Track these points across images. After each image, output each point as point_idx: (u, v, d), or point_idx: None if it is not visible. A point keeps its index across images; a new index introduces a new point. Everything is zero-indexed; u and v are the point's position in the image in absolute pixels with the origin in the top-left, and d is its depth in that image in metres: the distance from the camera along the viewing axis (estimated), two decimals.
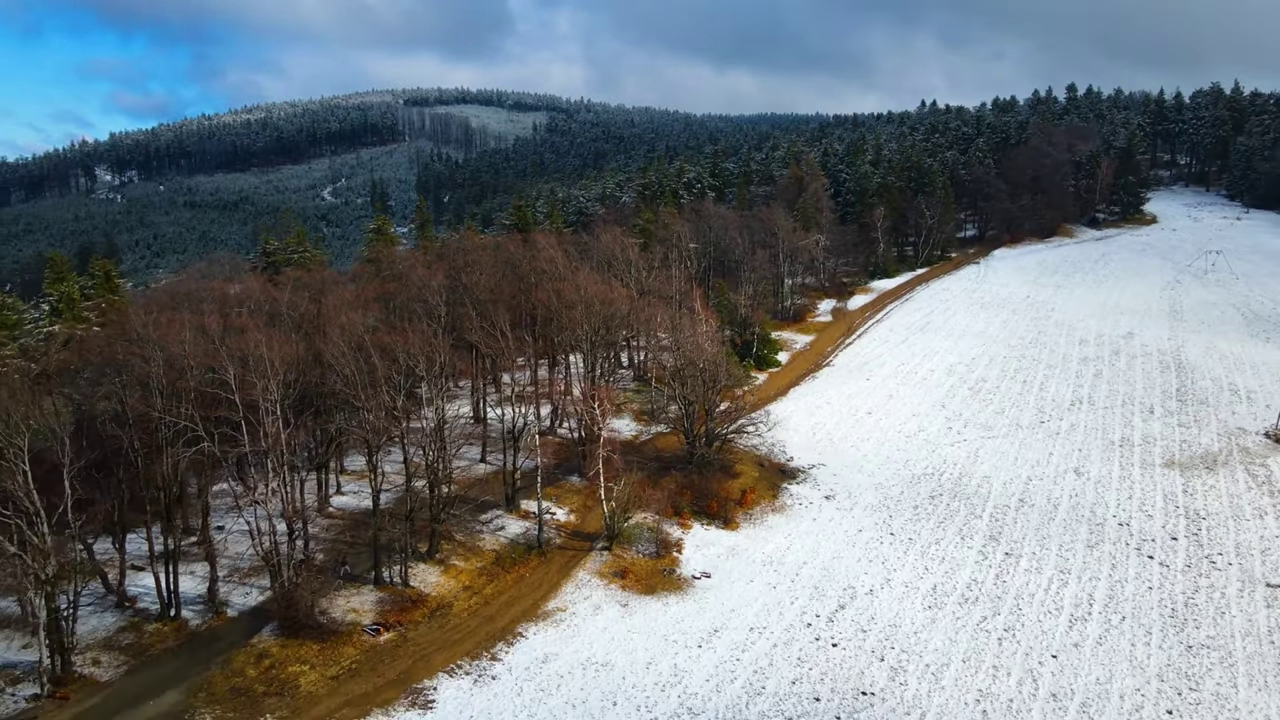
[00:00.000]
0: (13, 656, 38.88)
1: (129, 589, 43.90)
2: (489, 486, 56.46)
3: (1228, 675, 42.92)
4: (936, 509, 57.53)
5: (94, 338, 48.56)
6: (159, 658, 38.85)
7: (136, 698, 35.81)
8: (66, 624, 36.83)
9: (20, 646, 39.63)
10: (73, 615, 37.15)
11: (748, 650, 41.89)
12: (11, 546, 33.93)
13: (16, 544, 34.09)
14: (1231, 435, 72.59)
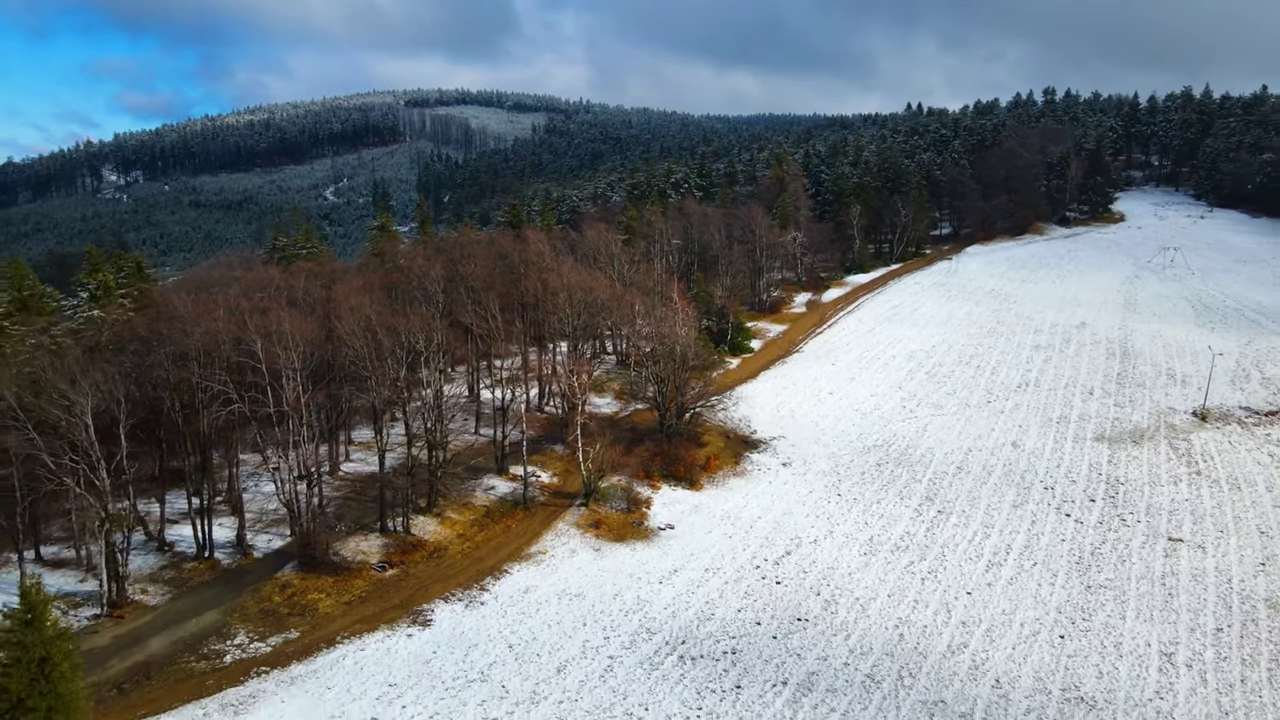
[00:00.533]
0: (72, 588, 45.33)
1: (167, 537, 50.45)
2: (482, 454, 63.02)
3: (1118, 610, 49.46)
4: (881, 474, 64.08)
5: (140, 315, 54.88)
6: (197, 588, 45.34)
7: (181, 617, 42.33)
8: (120, 556, 43.27)
9: (77, 580, 46.13)
10: (126, 548, 43.60)
11: (702, 586, 48.43)
12: (78, 487, 40.40)
13: (83, 485, 40.57)
14: (1162, 414, 79.14)
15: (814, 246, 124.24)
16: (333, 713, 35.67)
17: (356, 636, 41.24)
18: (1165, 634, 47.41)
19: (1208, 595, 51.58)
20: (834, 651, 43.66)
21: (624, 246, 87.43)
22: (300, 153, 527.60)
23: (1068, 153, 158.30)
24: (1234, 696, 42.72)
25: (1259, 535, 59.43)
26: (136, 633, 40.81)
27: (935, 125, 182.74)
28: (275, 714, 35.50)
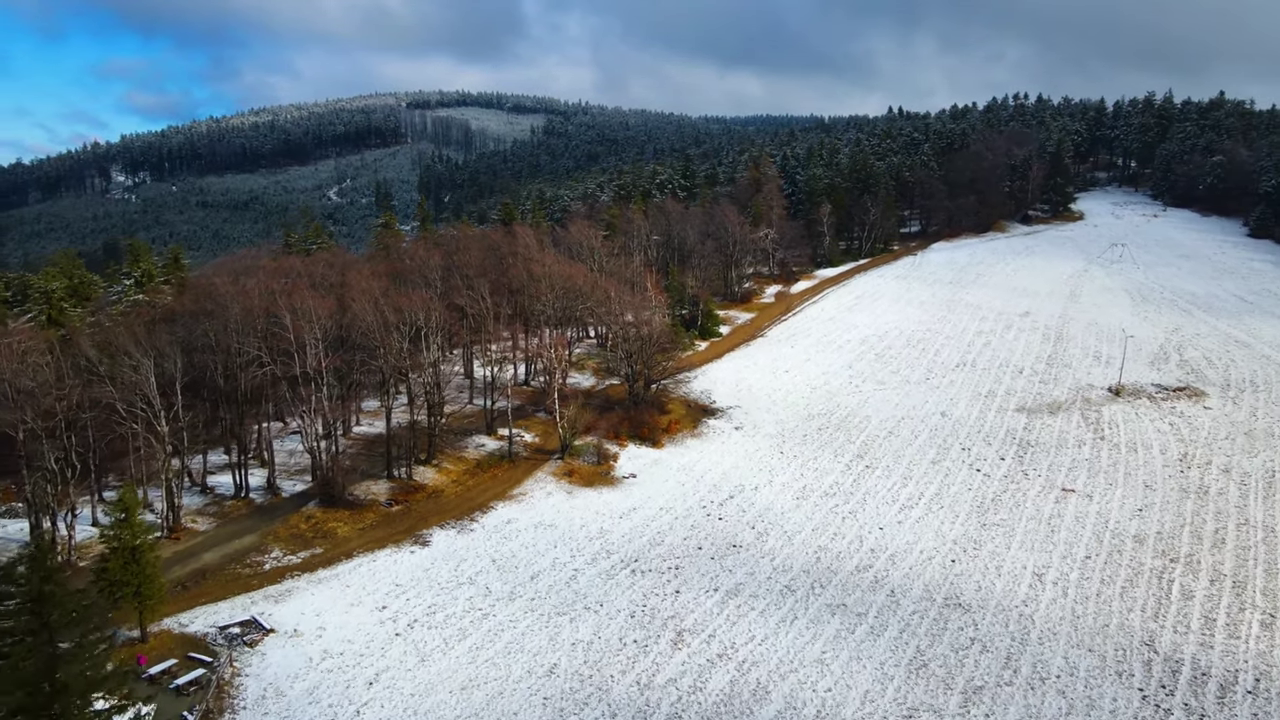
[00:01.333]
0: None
1: (208, 484, 59.71)
2: (474, 420, 72.30)
3: (1005, 542, 58.74)
4: (821, 437, 73.33)
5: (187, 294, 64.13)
6: (237, 519, 54.58)
7: (226, 539, 51.60)
8: (176, 489, 52.50)
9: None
10: (181, 483, 52.85)
11: (655, 520, 57.69)
12: (145, 431, 49.63)
13: (145, 429, 49.80)
14: (1081, 390, 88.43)
15: (786, 243, 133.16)
16: (351, 601, 44.98)
17: (369, 552, 50.53)
18: (1041, 560, 56.69)
19: (1085, 532, 60.85)
20: (760, 569, 52.93)
21: (605, 241, 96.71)
22: (304, 154, 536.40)
23: (1030, 155, 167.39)
24: (1087, 606, 51.97)
25: (1143, 488, 68.70)
26: (191, 549, 50.06)
27: (909, 129, 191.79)
28: (307, 603, 44.80)
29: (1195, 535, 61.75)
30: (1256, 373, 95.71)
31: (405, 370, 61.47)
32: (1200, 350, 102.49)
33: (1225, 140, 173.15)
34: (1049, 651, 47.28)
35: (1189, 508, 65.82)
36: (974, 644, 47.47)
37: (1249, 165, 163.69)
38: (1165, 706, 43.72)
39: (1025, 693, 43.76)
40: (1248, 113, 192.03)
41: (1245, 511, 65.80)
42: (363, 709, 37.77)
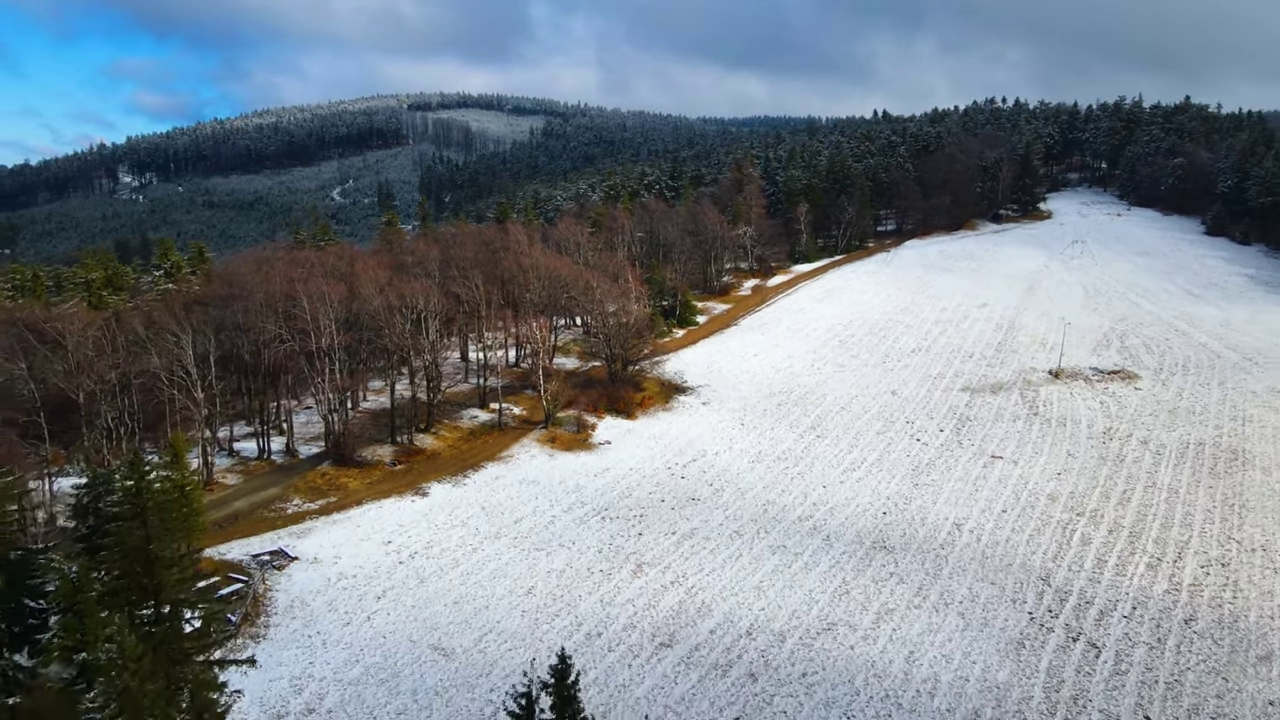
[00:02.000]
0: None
1: (235, 449, 67.67)
2: (469, 396, 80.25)
3: (933, 498, 66.69)
4: (779, 411, 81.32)
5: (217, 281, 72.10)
6: (261, 476, 62.58)
7: (252, 490, 59.60)
8: (210, 448, 60.50)
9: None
10: (212, 446, 60.84)
11: (625, 478, 65.67)
12: (184, 397, 57.63)
13: (184, 395, 57.80)
14: (1023, 372, 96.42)
15: (765, 240, 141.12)
16: (361, 537, 52.99)
17: (376, 500, 58.52)
18: (962, 513, 64.67)
19: (1005, 491, 68.83)
20: (714, 518, 60.91)
21: (591, 238, 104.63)
22: (308, 155, 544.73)
23: (1001, 158, 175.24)
24: (996, 549, 59.93)
25: (1066, 456, 76.65)
26: (224, 498, 58.05)
27: (888, 131, 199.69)
28: (324, 538, 52.81)
29: (1104, 495, 69.70)
30: (1189, 358, 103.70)
31: (408, 349, 69.35)
32: (1141, 338, 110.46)
33: (1187, 143, 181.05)
34: (956, 584, 55.24)
35: (1104, 472, 73.78)
36: (892, 577, 55.44)
37: (1209, 167, 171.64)
38: (1048, 626, 51.70)
39: (929, 614, 51.72)
40: (1211, 116, 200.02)
41: (1155, 476, 73.77)
42: (373, 615, 45.77)
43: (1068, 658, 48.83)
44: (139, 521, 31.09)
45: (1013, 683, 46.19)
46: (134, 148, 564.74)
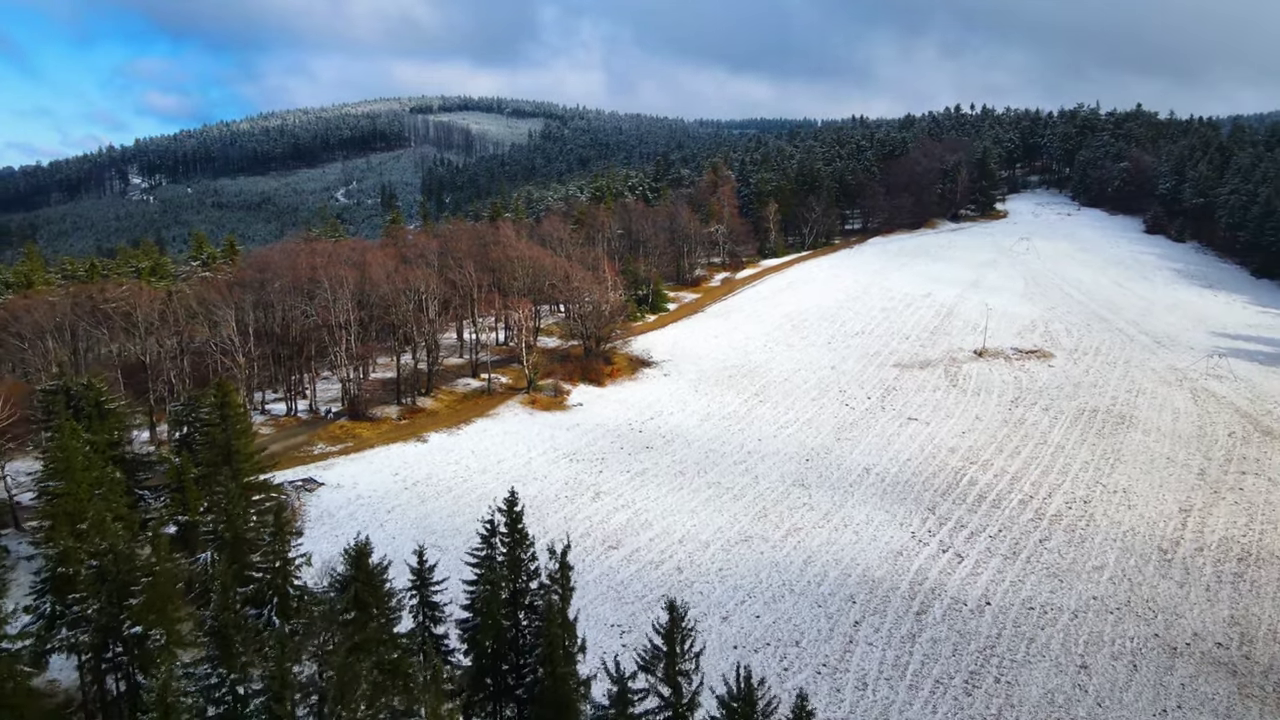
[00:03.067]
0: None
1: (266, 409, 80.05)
2: (463, 369, 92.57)
3: (850, 449, 78.96)
4: (729, 381, 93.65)
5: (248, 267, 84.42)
6: (290, 428, 74.92)
7: (284, 438, 71.94)
8: (247, 406, 72.81)
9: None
10: (249, 404, 73.12)
11: (591, 431, 78.03)
12: (228, 362, 70.04)
13: (230, 360, 70.18)
14: (951, 352, 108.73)
15: (737, 237, 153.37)
16: (374, 471, 65.37)
17: (385, 445, 70.90)
18: (872, 461, 76.98)
19: (913, 445, 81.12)
20: (663, 462, 73.23)
21: (572, 233, 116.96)
22: (312, 157, 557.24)
23: (960, 162, 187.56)
24: (896, 488, 72.14)
25: (974, 419, 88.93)
26: (261, 444, 69.89)
27: (857, 136, 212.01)
28: (344, 471, 65.20)
29: (998, 449, 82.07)
30: (1104, 341, 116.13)
31: (411, 326, 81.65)
32: (1065, 324, 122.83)
33: (1133, 148, 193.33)
34: (856, 512, 67.58)
35: (1004, 432, 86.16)
36: (804, 506, 67.82)
37: (1151, 170, 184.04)
38: (925, 541, 63.96)
39: (830, 532, 64.09)
40: (1157, 123, 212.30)
41: (1047, 436, 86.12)
42: (384, 523, 58.14)
43: (935, 563, 61.26)
44: (222, 426, 43.45)
45: (886, 578, 58.64)
46: (142, 149, 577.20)
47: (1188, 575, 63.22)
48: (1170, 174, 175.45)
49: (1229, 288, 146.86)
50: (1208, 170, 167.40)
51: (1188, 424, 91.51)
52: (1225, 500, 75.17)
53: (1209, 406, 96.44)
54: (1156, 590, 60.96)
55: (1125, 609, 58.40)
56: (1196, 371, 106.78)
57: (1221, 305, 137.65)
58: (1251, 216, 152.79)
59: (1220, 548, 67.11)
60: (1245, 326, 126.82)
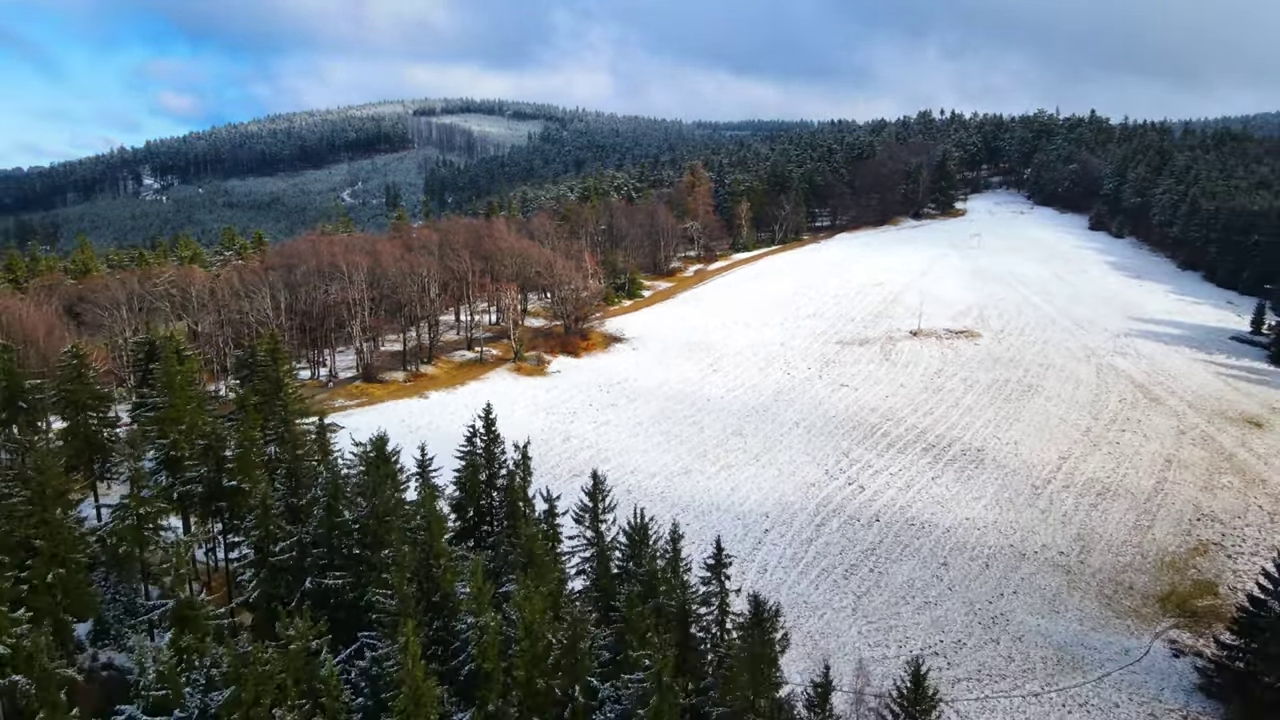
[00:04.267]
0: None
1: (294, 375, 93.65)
2: (460, 343, 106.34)
3: (786, 407, 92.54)
4: (689, 355, 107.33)
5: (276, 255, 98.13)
6: (314, 389, 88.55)
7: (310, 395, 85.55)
8: None
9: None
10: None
11: (566, 392, 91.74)
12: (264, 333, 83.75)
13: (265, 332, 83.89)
14: (890, 332, 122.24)
15: (711, 232, 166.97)
16: (385, 418, 79.04)
17: (394, 400, 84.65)
18: (801, 416, 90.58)
19: (840, 405, 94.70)
20: (624, 415, 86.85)
21: (558, 228, 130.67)
22: (319, 158, 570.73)
23: (921, 164, 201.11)
24: (819, 438, 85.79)
25: (898, 386, 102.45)
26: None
27: (829, 140, 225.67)
28: (360, 419, 78.92)
29: (914, 409, 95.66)
30: (1029, 324, 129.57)
31: (415, 305, 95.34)
32: (998, 309, 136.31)
33: (1083, 151, 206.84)
34: (782, 455, 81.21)
35: (922, 397, 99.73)
36: (739, 449, 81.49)
37: (1097, 172, 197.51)
38: (835, 476, 77.57)
39: (757, 469, 77.74)
40: (1106, 127, 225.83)
41: (960, 400, 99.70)
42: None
43: (840, 493, 75.01)
44: (274, 364, 57.10)
45: (797, 502, 72.39)
46: (153, 151, 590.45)
47: (1051, 505, 76.96)
48: (1113, 175, 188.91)
49: (1155, 278, 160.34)
50: (1145, 172, 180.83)
51: (1086, 392, 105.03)
52: (1100, 450, 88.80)
53: (1108, 378, 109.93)
54: (1021, 515, 74.71)
55: (990, 527, 72.20)
56: (1105, 350, 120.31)
57: (1145, 294, 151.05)
58: (1180, 214, 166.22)
59: (1084, 485, 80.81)
60: (1161, 312, 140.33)
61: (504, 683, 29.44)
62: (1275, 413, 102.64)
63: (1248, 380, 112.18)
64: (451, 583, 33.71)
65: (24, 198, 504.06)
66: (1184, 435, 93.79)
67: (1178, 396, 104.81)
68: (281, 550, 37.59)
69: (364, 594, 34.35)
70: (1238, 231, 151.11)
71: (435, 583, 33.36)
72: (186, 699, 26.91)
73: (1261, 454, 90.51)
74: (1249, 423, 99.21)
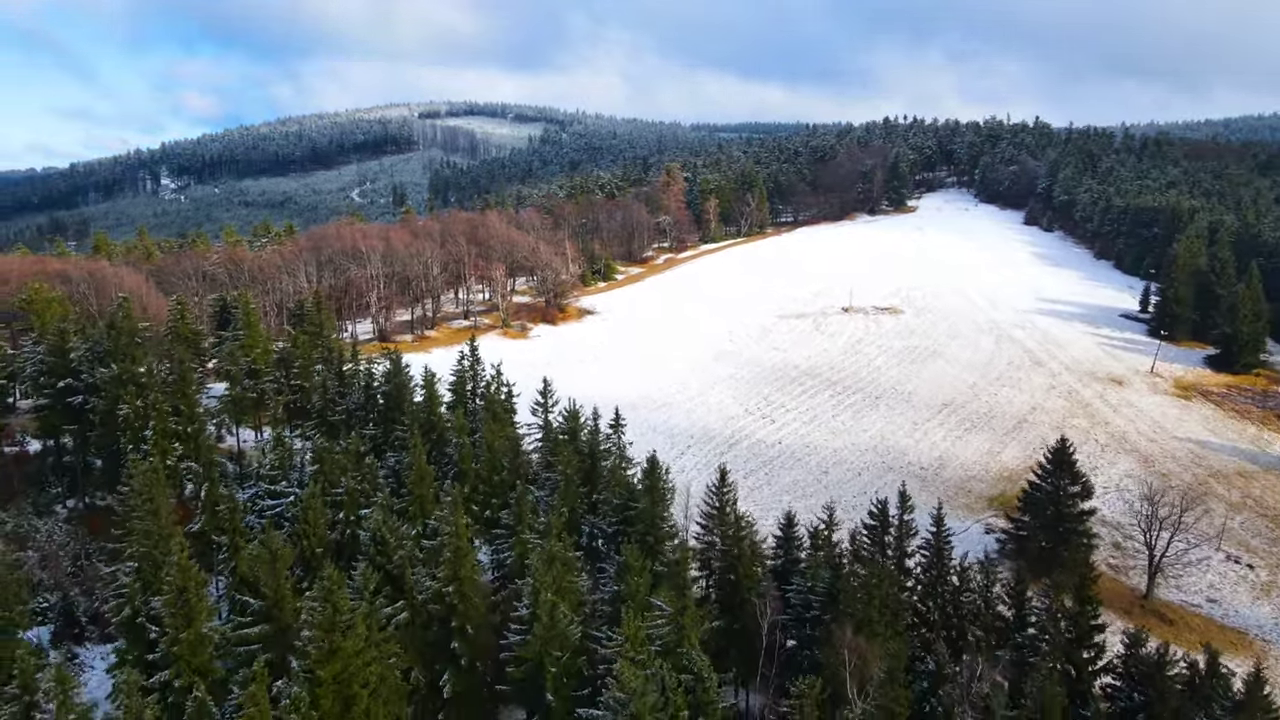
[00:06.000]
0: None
1: None
2: (457, 314, 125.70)
3: (725, 363, 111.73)
4: (649, 325, 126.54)
5: (306, 241, 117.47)
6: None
7: None
8: None
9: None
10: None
11: (545, 351, 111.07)
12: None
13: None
14: (825, 309, 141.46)
15: (683, 226, 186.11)
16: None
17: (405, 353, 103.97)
18: (734, 370, 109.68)
19: (770, 363, 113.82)
20: (590, 367, 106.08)
21: (544, 221, 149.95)
22: (329, 159, 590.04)
23: (876, 165, 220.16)
24: (747, 383, 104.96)
25: (822, 350, 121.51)
26: None
27: (796, 143, 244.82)
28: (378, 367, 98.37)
29: (831, 367, 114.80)
30: (949, 303, 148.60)
31: (421, 282, 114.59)
32: (924, 291, 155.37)
33: (1023, 154, 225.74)
34: (713, 396, 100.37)
35: (841, 358, 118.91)
36: (678, 392, 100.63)
37: (1034, 172, 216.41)
38: (751, 411, 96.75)
39: (691, 406, 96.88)
40: (1048, 132, 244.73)
41: (872, 361, 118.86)
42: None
43: (754, 424, 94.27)
44: (318, 310, 76.38)
45: (717, 428, 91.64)
46: (169, 152, 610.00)
47: (924, 436, 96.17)
48: (1046, 176, 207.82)
49: (1072, 266, 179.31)
50: (1072, 174, 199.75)
51: (982, 356, 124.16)
52: (979, 400, 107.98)
53: (1004, 346, 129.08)
54: (898, 442, 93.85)
55: (870, 450, 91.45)
56: (1008, 324, 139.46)
57: (1058, 279, 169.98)
58: (1098, 211, 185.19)
59: (956, 423, 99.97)
60: (1068, 294, 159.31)
61: (474, 476, 48.75)
62: (1137, 374, 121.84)
63: (1124, 349, 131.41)
64: (444, 429, 53.01)
65: (49, 197, 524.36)
66: (1053, 390, 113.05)
67: (1059, 361, 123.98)
68: (334, 415, 56.90)
69: (390, 430, 53.72)
70: (1141, 225, 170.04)
71: (434, 427, 52.67)
72: (289, 475, 46.24)
73: (1114, 404, 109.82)
74: (1112, 381, 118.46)
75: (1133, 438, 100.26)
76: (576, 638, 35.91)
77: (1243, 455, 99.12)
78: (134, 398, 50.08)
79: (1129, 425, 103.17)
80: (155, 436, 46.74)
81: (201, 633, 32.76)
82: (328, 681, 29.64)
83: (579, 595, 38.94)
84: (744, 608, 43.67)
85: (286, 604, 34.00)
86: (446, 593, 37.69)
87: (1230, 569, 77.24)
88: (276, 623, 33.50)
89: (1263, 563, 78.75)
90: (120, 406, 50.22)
